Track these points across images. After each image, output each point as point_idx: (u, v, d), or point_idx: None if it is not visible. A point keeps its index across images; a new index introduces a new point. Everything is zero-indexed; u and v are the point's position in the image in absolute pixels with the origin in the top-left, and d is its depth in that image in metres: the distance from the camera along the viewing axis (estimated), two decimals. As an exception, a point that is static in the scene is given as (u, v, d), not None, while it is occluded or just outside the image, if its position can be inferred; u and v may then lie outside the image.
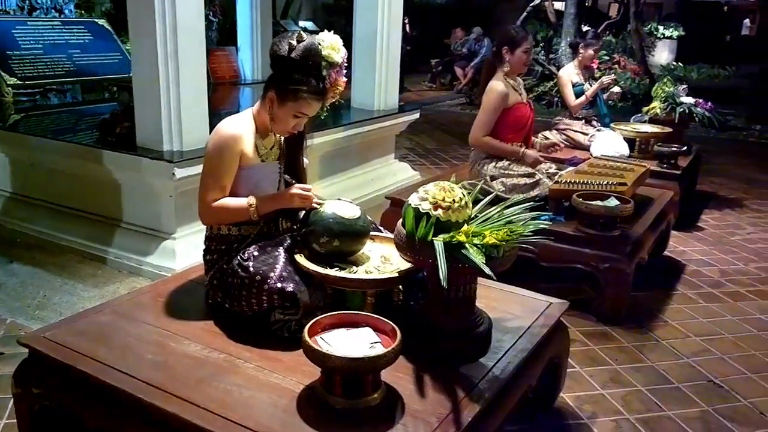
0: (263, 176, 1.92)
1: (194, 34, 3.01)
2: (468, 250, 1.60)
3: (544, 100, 9.23)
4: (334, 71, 1.88)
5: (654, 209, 3.30)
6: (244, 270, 1.75)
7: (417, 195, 1.73)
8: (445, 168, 5.79)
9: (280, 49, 1.78)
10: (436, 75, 12.16)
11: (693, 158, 4.58)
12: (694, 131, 5.67)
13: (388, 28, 4.47)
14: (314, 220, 1.82)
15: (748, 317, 2.99)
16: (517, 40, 3.25)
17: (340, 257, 1.84)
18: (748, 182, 5.67)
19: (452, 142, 7.12)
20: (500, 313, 1.97)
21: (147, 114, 3.07)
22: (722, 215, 4.64)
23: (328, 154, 4.11)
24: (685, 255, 3.79)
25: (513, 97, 3.30)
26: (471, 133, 3.33)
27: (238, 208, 1.84)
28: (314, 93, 1.80)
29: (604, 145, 4.25)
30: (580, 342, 2.65)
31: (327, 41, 1.85)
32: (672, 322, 2.90)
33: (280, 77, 1.81)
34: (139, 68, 3.06)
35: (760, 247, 3.97)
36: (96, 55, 4.76)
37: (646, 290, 3.16)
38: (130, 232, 3.25)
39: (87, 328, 1.79)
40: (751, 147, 7.47)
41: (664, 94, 4.68)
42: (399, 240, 1.72)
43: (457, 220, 1.69)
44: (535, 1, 9.32)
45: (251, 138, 1.87)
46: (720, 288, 3.32)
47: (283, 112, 1.82)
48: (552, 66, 9.40)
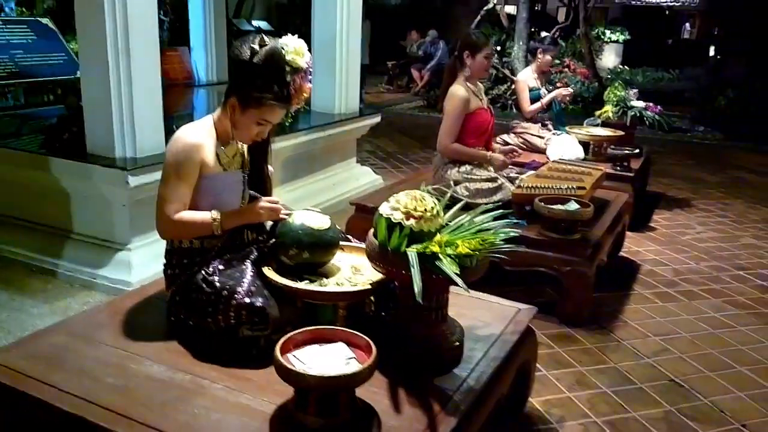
0: (226, 186, 1.83)
1: (147, 32, 2.88)
2: (442, 261, 1.58)
3: (499, 102, 9.37)
4: (298, 77, 1.81)
5: (611, 211, 3.38)
6: (210, 285, 1.67)
7: (388, 204, 1.70)
8: (406, 171, 5.79)
9: (241, 54, 1.70)
10: (393, 77, 12.19)
11: (644, 160, 4.73)
12: (641, 133, 5.86)
13: (347, 31, 4.43)
14: (282, 232, 1.76)
15: (703, 316, 3.09)
16: (479, 45, 3.26)
17: (310, 269, 1.79)
18: (694, 182, 5.90)
19: (412, 144, 7.14)
20: (470, 320, 1.96)
21: (97, 118, 2.93)
22: (672, 215, 4.81)
23: (290, 159, 4.04)
24: (639, 255, 3.90)
25: (474, 103, 3.31)
26: (438, 141, 3.33)
27: (201, 222, 1.75)
28: (278, 99, 1.73)
29: (561, 149, 4.34)
30: (545, 345, 2.68)
31: (291, 45, 1.79)
32: (632, 322, 2.97)
33: (242, 83, 1.73)
34: (87, 69, 2.91)
35: (709, 246, 4.12)
36: (40, 55, 4.54)
37: (605, 291, 3.22)
38: (82, 243, 3.10)
39: (39, 351, 1.67)
40: (695, 147, 7.78)
41: (616, 98, 4.82)
42: (371, 251, 1.68)
43: (429, 229, 1.67)
44: (489, 5, 9.45)
45: (212, 146, 1.78)
46: (675, 287, 3.43)
47: (246, 120, 1.75)
48: (506, 69, 9.56)
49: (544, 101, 4.64)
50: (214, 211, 1.76)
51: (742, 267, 3.78)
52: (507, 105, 9.26)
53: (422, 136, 7.50)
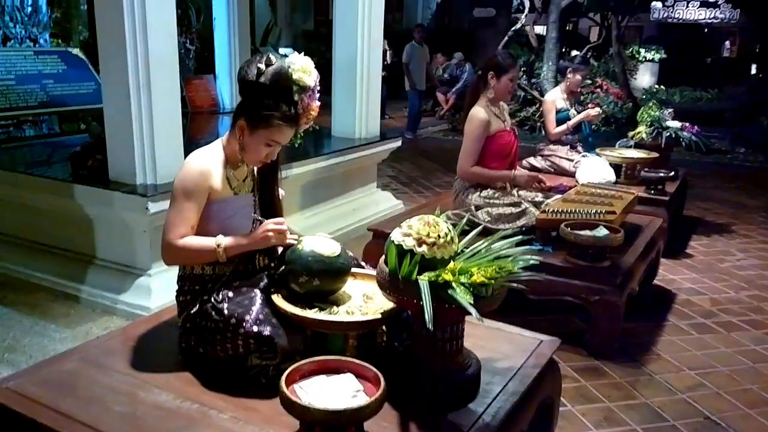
0: (236, 210, 1.81)
1: (167, 65, 2.94)
2: (455, 290, 1.51)
3: (527, 125, 9.22)
4: (306, 95, 1.79)
5: (644, 237, 3.24)
6: (218, 313, 1.64)
7: (400, 230, 1.65)
8: (428, 196, 5.73)
9: (248, 74, 1.69)
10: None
11: (680, 183, 4.55)
12: (677, 154, 5.68)
13: (368, 56, 4.43)
14: (292, 259, 1.71)
15: (742, 349, 2.91)
16: (504, 66, 3.19)
17: (320, 297, 1.74)
18: (734, 207, 5.66)
19: (435, 169, 7.08)
20: (489, 352, 1.87)
21: (119, 147, 2.99)
22: (711, 241, 4.60)
23: (309, 184, 4.03)
24: (674, 284, 3.73)
25: (495, 125, 3.23)
26: (458, 165, 3.26)
27: (205, 249, 1.72)
28: (286, 119, 1.72)
29: (590, 172, 4.20)
30: (571, 378, 2.55)
31: (297, 64, 1.77)
32: (665, 355, 2.82)
33: (250, 104, 1.72)
34: (110, 100, 2.98)
35: (750, 275, 3.92)
36: (70, 85, 4.68)
37: (637, 321, 3.08)
38: (104, 268, 3.14)
39: (52, 377, 1.67)
40: (736, 170, 7.51)
41: (650, 118, 4.67)
42: (382, 279, 1.62)
43: (443, 256, 1.61)
44: (517, 26, 9.36)
45: (220, 171, 1.77)
46: (712, 318, 3.25)
47: (255, 141, 1.74)
48: (534, 91, 9.43)
49: (571, 124, 4.51)
50: (219, 236, 1.73)
51: (786, 296, 3.58)
52: (535, 127, 9.10)
53: (446, 159, 7.42)
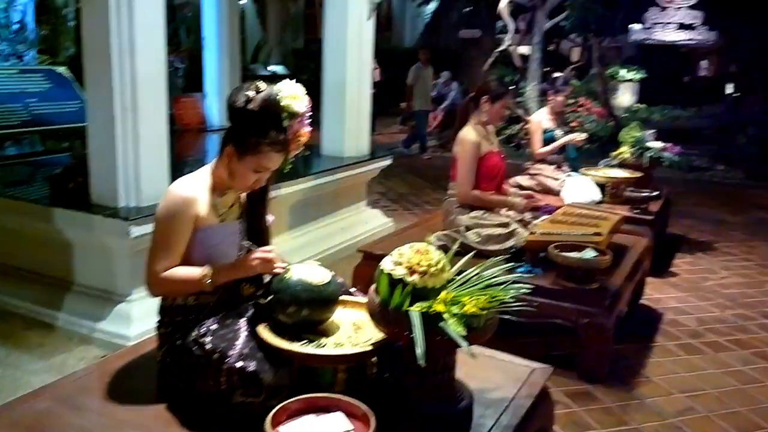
0: (223, 237, 1.77)
1: (155, 86, 2.90)
2: (446, 322, 1.48)
3: (513, 142, 9.35)
4: (296, 122, 1.77)
5: (630, 258, 3.25)
6: (200, 347, 1.58)
7: (391, 259, 1.62)
8: (417, 213, 5.72)
9: (237, 101, 1.67)
10: (407, 118, 12.26)
11: (663, 202, 4.60)
12: (659, 172, 5.75)
13: (358, 75, 4.44)
14: (279, 288, 1.67)
15: (730, 369, 2.92)
16: (500, 93, 3.29)
17: (309, 327, 1.70)
18: (716, 224, 5.73)
19: (424, 185, 7.09)
20: (481, 382, 1.84)
21: (102, 168, 2.93)
22: (694, 259, 4.64)
23: (298, 204, 4.00)
24: (661, 303, 3.74)
25: (485, 146, 3.27)
26: (458, 188, 3.28)
27: (191, 279, 1.67)
28: (275, 145, 1.69)
29: (576, 191, 4.24)
30: (562, 404, 2.53)
31: (287, 91, 1.75)
32: (654, 378, 2.81)
33: (238, 130, 1.70)
34: (94, 120, 2.93)
35: (734, 293, 3.95)
36: (54, 103, 4.62)
37: (625, 343, 3.07)
38: (82, 294, 3.05)
39: (23, 418, 1.59)
40: (716, 187, 7.62)
41: (633, 139, 4.73)
42: (372, 309, 1.59)
43: (434, 285, 1.58)
44: (502, 47, 9.50)
45: (207, 198, 1.73)
46: (699, 338, 3.26)
47: (243, 167, 1.70)
48: (519, 109, 9.55)
49: (555, 145, 4.56)
50: (205, 267, 1.68)
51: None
52: (521, 145, 9.21)
53: (435, 176, 7.45)
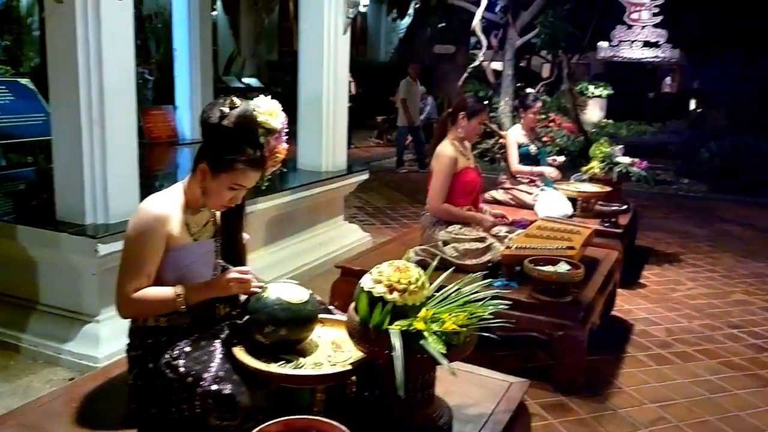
0: (197, 257, 1.73)
1: (124, 99, 2.84)
2: (427, 340, 1.49)
3: (487, 156, 9.48)
4: (272, 138, 1.76)
5: (602, 271, 3.32)
6: (173, 370, 1.53)
7: (370, 277, 1.63)
8: (395, 227, 5.74)
9: (211, 117, 1.63)
10: (382, 132, 12.34)
11: (632, 216, 4.71)
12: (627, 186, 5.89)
13: (334, 90, 4.45)
14: (256, 308, 1.65)
15: (698, 379, 2.99)
16: (477, 110, 3.33)
17: (287, 347, 1.68)
18: (682, 236, 5.89)
19: (401, 199, 7.12)
20: (459, 398, 1.85)
21: (68, 183, 2.84)
22: (662, 271, 4.76)
23: (274, 219, 3.96)
24: (631, 314, 3.82)
25: (461, 162, 3.31)
26: (429, 201, 3.31)
27: (163, 299, 1.63)
28: (251, 163, 1.66)
29: (549, 205, 4.32)
30: (539, 416, 2.56)
31: (264, 107, 1.74)
32: (627, 388, 2.87)
33: (212, 147, 1.66)
34: (59, 134, 2.85)
35: (701, 303, 4.06)
36: (17, 116, 4.49)
37: (599, 354, 3.12)
38: (48, 315, 2.94)
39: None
40: (681, 200, 7.83)
41: (602, 154, 4.84)
42: (352, 328, 1.59)
43: (414, 303, 1.59)
44: (475, 63, 9.67)
45: (179, 216, 1.68)
46: (668, 348, 3.34)
47: (217, 185, 1.67)
48: (493, 124, 9.70)
49: (533, 170, 4.66)
50: (178, 287, 1.64)
51: (735, 325, 3.70)
52: (495, 159, 9.35)
53: (411, 190, 7.50)
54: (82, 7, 2.68)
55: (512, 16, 9.82)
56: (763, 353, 3.32)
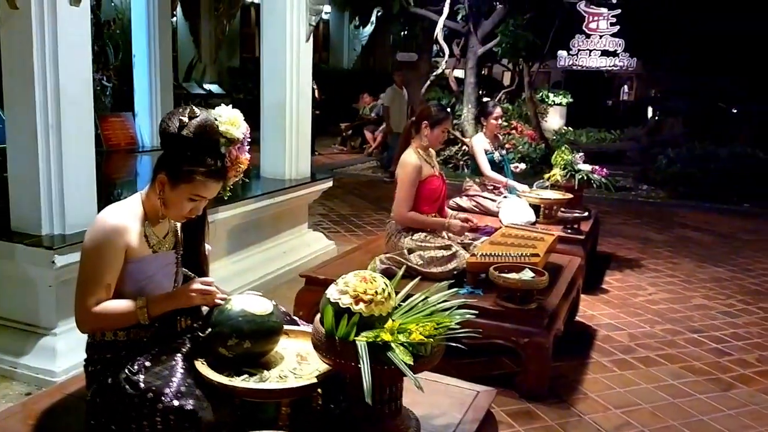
0: (156, 269, 1.68)
1: (80, 105, 2.76)
2: (394, 352, 1.46)
3: (451, 163, 9.54)
4: (234, 148, 1.71)
5: (565, 277, 3.35)
6: (133, 386, 1.49)
7: (336, 287, 1.59)
8: (360, 235, 5.71)
9: (170, 127, 1.59)
10: (346, 138, 12.31)
11: (593, 222, 4.79)
12: (588, 193, 6.02)
13: (297, 97, 4.41)
14: (219, 320, 1.60)
15: (661, 384, 3.04)
16: (439, 119, 3.32)
17: (251, 360, 1.63)
18: (642, 241, 6.02)
19: (366, 206, 7.08)
20: (426, 408, 1.83)
21: (22, 192, 2.74)
22: (623, 276, 4.84)
23: (237, 228, 3.88)
24: (595, 320, 3.87)
25: (426, 170, 3.31)
26: (394, 209, 3.30)
27: (125, 312, 1.58)
28: (212, 173, 1.62)
29: (513, 213, 4.36)
30: (505, 424, 2.56)
31: (225, 116, 1.69)
32: (591, 394, 2.89)
33: (172, 157, 1.62)
34: (14, 141, 2.75)
35: (662, 308, 4.14)
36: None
37: (564, 360, 3.15)
38: (3, 328, 2.82)
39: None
40: (641, 206, 8.02)
41: (563, 161, 4.91)
42: (317, 340, 1.55)
43: (380, 313, 1.57)
44: (438, 71, 9.76)
45: (138, 227, 1.64)
46: (631, 353, 3.39)
47: (177, 196, 1.62)
48: (456, 131, 9.78)
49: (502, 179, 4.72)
50: (140, 299, 1.59)
51: (697, 330, 3.79)
52: (458, 166, 9.42)
53: (376, 197, 7.48)
54: (38, 14, 2.61)
55: (474, 25, 9.95)
56: (723, 357, 3.40)
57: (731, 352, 3.47)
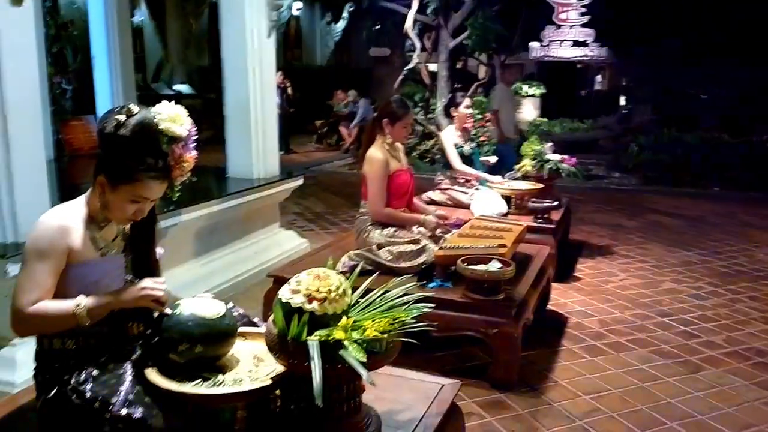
0: (104, 273, 1.62)
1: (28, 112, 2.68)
2: (347, 349, 1.44)
3: (427, 158, 9.53)
4: (178, 146, 1.66)
5: (534, 267, 3.36)
6: (80, 396, 1.44)
7: (289, 287, 1.57)
8: (335, 232, 5.67)
9: (106, 127, 1.54)
10: (322, 136, 12.25)
11: (564, 211, 4.82)
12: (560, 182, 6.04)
13: (261, 95, 4.35)
14: (169, 326, 1.56)
15: (630, 369, 3.06)
16: (398, 114, 3.30)
17: (204, 365, 1.59)
18: (613, 228, 6.08)
19: (341, 204, 7.04)
20: (389, 404, 1.81)
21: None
22: (595, 263, 4.88)
23: (204, 230, 3.82)
24: (566, 307, 3.89)
25: (393, 164, 3.31)
26: (369, 207, 3.29)
27: (62, 313, 1.51)
28: (153, 173, 1.57)
29: (484, 204, 4.37)
30: (477, 415, 2.56)
31: (165, 113, 1.64)
32: (562, 381, 2.90)
33: (110, 158, 1.57)
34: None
35: (632, 294, 4.18)
36: None
37: (535, 349, 3.17)
38: (-44, 340, 2.74)
39: None
40: (612, 193, 8.11)
41: (533, 152, 4.94)
42: (270, 341, 1.52)
43: (335, 311, 1.54)
44: (411, 65, 9.74)
45: (82, 230, 1.59)
46: (601, 339, 3.41)
47: (118, 198, 1.57)
48: (431, 125, 9.78)
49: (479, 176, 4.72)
50: (80, 297, 1.53)
51: (666, 313, 3.83)
52: (434, 160, 9.40)
53: (351, 193, 7.42)
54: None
55: (443, 18, 9.95)
56: (692, 339, 3.44)
57: (700, 334, 3.52)
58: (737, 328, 3.61)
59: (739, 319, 3.75)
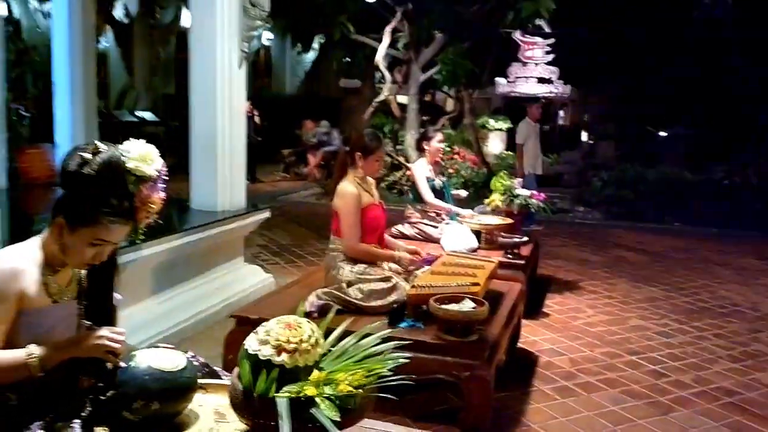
0: (56, 321, 1.51)
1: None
2: (318, 407, 1.35)
3: (395, 189, 9.53)
4: (146, 186, 1.57)
5: (506, 305, 3.31)
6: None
7: (256, 337, 1.47)
8: (301, 266, 5.55)
9: (69, 165, 1.45)
10: (289, 165, 12.14)
11: (533, 246, 4.83)
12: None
13: (230, 125, 4.26)
14: (123, 380, 1.44)
15: (602, 411, 3.02)
16: (371, 148, 3.25)
17: (161, 423, 1.48)
18: (580, 263, 6.13)
19: (308, 235, 6.92)
20: (361, 459, 1.71)
21: None
22: (563, 299, 4.88)
23: (163, 265, 3.65)
24: (536, 345, 3.85)
25: (365, 198, 3.24)
26: (345, 243, 3.18)
27: (13, 363, 1.40)
28: (117, 215, 1.47)
29: (454, 239, 4.32)
30: (448, 464, 2.46)
31: (135, 151, 1.55)
32: (534, 425, 2.84)
33: (71, 198, 1.47)
34: None
35: (600, 331, 4.17)
36: None
37: (506, 390, 3.10)
38: None
39: None
40: (578, 228, 8.22)
41: (503, 187, 4.95)
42: (234, 397, 1.42)
43: (306, 363, 1.45)
44: (381, 97, 9.82)
45: (35, 274, 1.47)
46: (572, 380, 3.37)
47: (77, 241, 1.47)
48: (400, 157, 9.82)
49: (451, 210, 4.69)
50: (32, 346, 1.41)
51: (635, 352, 3.83)
52: (403, 191, 9.41)
53: (318, 225, 7.31)
54: None
55: (414, 53, 10.09)
56: (661, 379, 3.43)
57: (668, 373, 3.52)
58: (705, 366, 3.63)
59: (706, 357, 3.77)
